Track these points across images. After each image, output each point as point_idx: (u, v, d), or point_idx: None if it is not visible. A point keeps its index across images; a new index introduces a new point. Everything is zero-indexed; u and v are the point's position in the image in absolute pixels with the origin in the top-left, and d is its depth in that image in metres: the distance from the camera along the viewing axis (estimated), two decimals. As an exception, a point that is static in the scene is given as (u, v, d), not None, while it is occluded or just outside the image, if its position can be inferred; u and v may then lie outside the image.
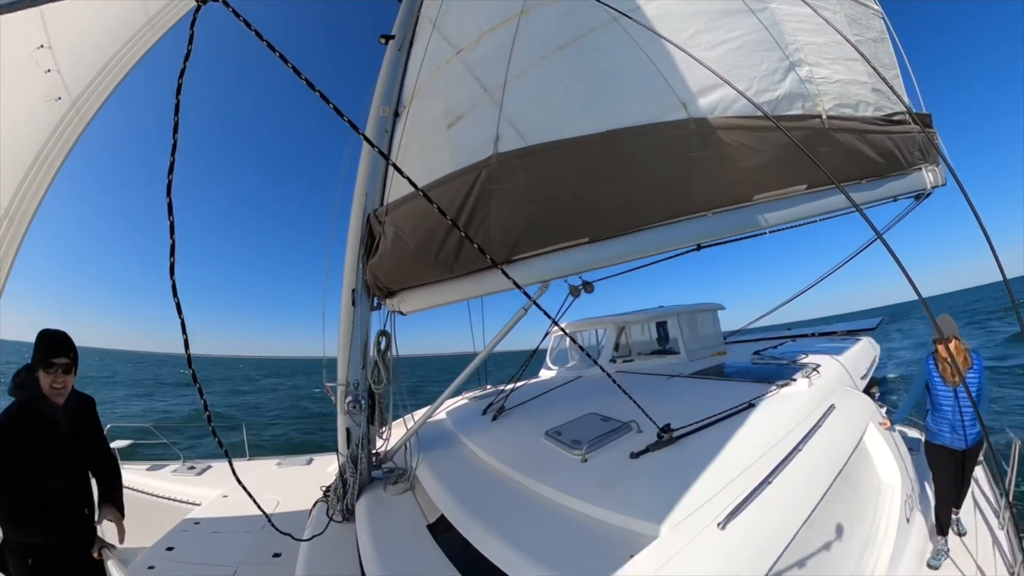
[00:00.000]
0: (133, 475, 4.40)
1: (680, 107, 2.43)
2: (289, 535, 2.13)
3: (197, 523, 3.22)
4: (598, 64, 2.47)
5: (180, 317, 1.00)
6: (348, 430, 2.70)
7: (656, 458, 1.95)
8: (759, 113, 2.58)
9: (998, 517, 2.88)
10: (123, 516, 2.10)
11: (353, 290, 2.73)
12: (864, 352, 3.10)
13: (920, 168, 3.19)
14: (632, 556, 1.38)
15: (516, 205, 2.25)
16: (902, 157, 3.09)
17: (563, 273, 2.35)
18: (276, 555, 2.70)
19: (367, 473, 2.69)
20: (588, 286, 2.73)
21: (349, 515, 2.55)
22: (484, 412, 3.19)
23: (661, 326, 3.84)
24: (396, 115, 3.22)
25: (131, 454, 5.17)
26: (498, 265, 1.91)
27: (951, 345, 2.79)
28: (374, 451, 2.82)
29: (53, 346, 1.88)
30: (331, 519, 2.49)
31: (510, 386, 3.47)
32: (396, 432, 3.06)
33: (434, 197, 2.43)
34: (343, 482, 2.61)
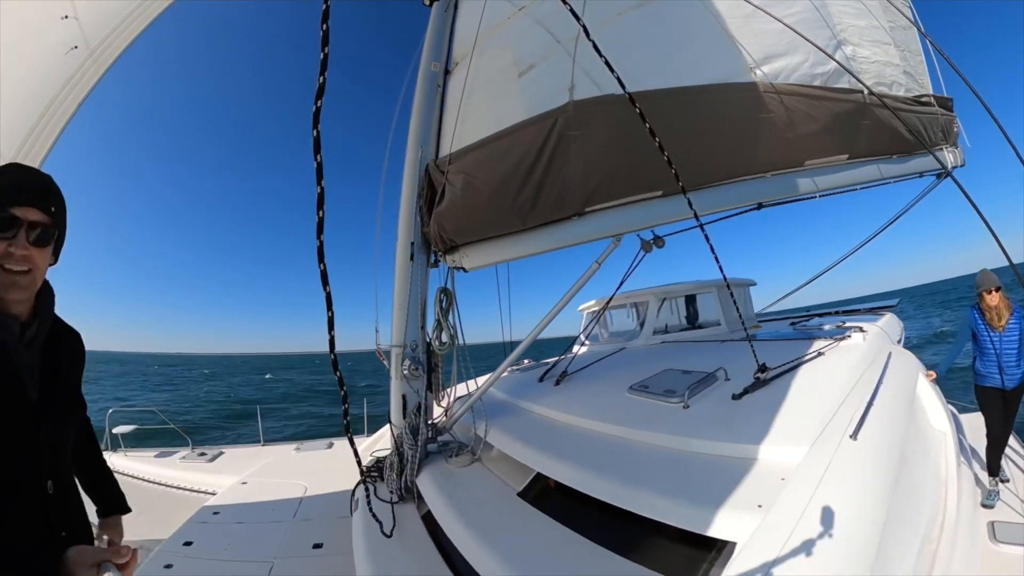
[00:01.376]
0: (140, 463, 4.16)
1: (750, 71, 2.56)
2: (380, 523, 2.00)
3: (216, 513, 2.96)
4: (674, 23, 2.56)
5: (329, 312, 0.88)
6: (404, 397, 2.55)
7: (757, 398, 2.00)
8: (816, 83, 2.75)
9: None
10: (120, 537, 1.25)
11: (412, 243, 2.69)
12: (893, 322, 3.35)
13: (942, 148, 3.46)
14: (783, 479, 1.40)
15: (596, 153, 2.30)
16: (928, 136, 3.34)
17: (637, 226, 2.42)
18: (317, 546, 2.49)
19: (424, 446, 2.54)
20: (659, 240, 2.79)
21: (407, 494, 2.40)
22: (541, 380, 3.17)
23: (701, 298, 3.98)
24: (447, 72, 3.21)
25: (133, 441, 4.85)
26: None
27: (995, 296, 3.22)
28: (431, 421, 2.69)
29: (17, 185, 0.93)
30: (391, 500, 2.31)
31: (569, 354, 3.49)
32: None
33: (508, 144, 2.47)
34: (399, 456, 2.46)
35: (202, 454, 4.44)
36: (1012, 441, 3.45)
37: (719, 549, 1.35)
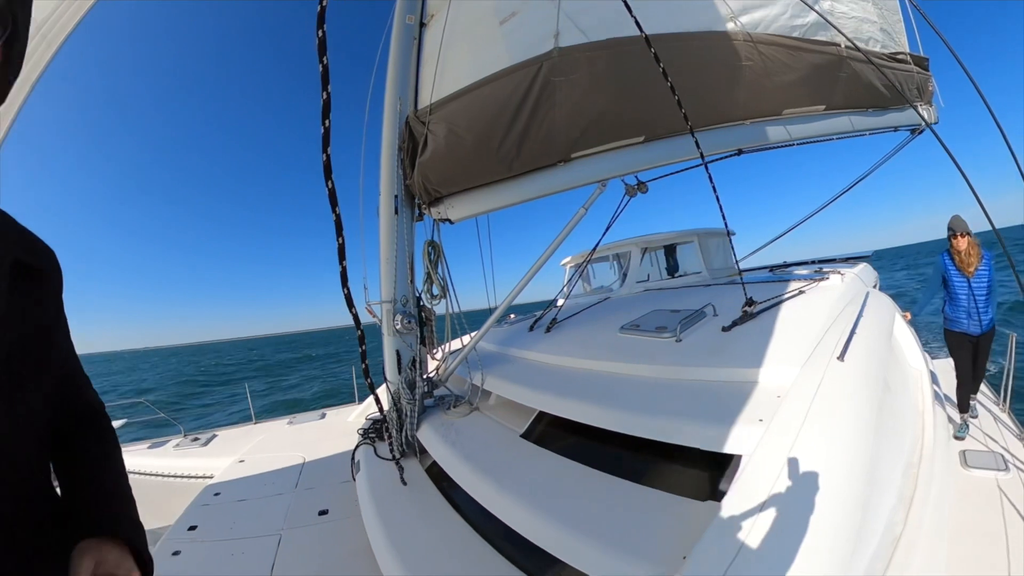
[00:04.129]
0: (133, 457, 4.12)
1: (730, 20, 2.66)
2: (400, 470, 2.05)
3: (217, 494, 2.98)
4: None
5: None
6: (398, 352, 2.61)
7: (746, 329, 2.11)
8: (794, 34, 2.88)
9: (998, 405, 3.68)
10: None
11: (395, 196, 2.73)
12: (868, 271, 3.57)
13: (916, 105, 3.66)
14: (779, 396, 1.50)
15: (581, 99, 2.39)
16: (903, 92, 3.53)
17: (622, 171, 2.53)
18: (323, 512, 2.53)
19: (421, 401, 2.60)
20: (643, 186, 2.91)
21: (408, 449, 2.46)
22: (531, 329, 3.29)
23: (682, 248, 4.15)
24: (422, 24, 3.23)
25: (123, 435, 4.79)
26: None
27: (964, 240, 3.39)
28: (426, 375, 2.75)
29: None
30: (394, 457, 2.34)
31: (555, 307, 3.61)
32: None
33: (491, 91, 2.53)
34: (398, 412, 2.52)
35: (195, 439, 4.45)
36: (982, 386, 3.78)
37: (725, 464, 1.41)
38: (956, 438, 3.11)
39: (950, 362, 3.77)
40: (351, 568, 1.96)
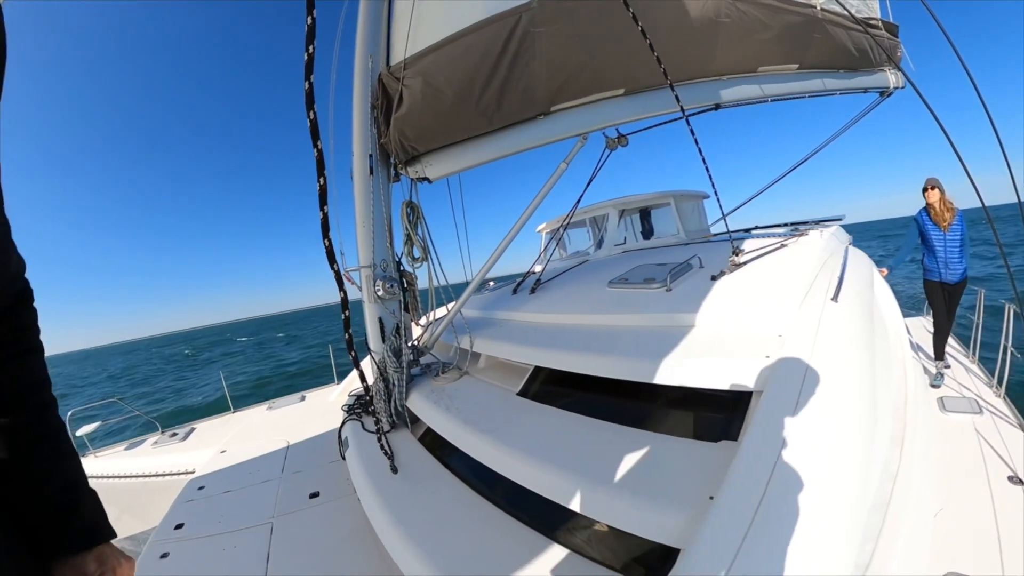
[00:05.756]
0: (111, 460, 3.95)
1: (707, -27, 2.69)
2: (390, 458, 1.99)
3: (202, 488, 2.89)
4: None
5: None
6: (381, 320, 2.57)
7: (736, 277, 2.15)
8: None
9: (968, 357, 4.03)
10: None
11: (370, 156, 2.68)
12: (842, 231, 3.73)
13: (885, 70, 3.81)
14: (781, 335, 1.52)
15: (561, 50, 2.38)
16: (873, 56, 3.67)
17: (602, 124, 2.54)
18: (313, 495, 2.48)
19: (408, 369, 2.56)
20: (623, 139, 2.93)
21: (398, 419, 2.43)
22: (515, 292, 3.29)
23: (656, 209, 4.22)
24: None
25: (98, 442, 4.60)
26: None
27: (935, 192, 3.80)
28: (411, 343, 2.70)
29: None
30: (380, 430, 2.30)
31: (538, 269, 3.65)
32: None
33: (469, 43, 2.50)
34: (385, 382, 2.48)
35: (174, 435, 4.33)
36: (951, 339, 4.09)
37: (732, 404, 1.42)
38: (932, 386, 3.41)
39: (920, 320, 4.07)
40: (352, 549, 1.90)
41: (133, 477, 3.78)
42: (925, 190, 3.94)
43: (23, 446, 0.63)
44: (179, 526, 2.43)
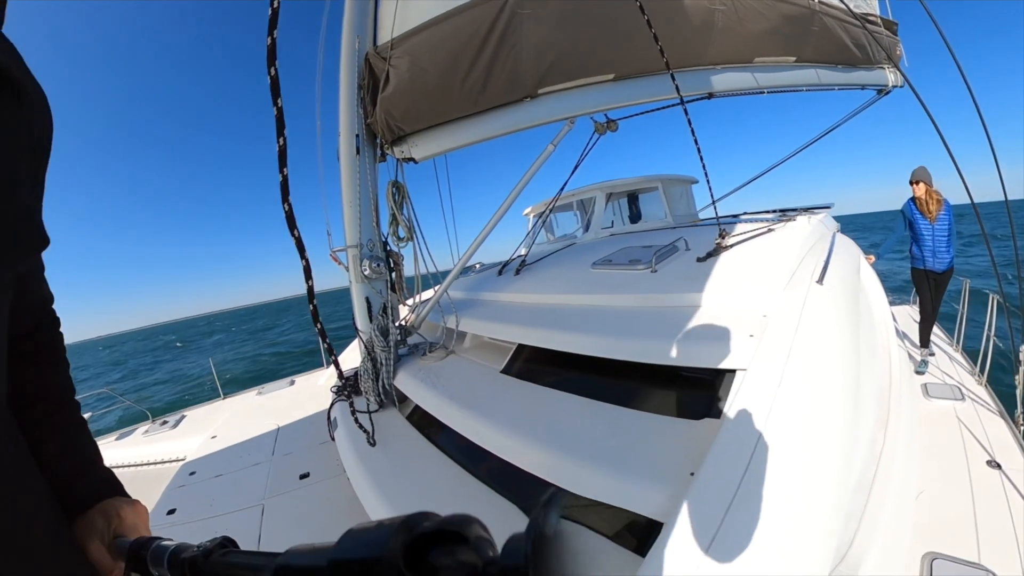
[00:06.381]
0: (101, 451, 3.96)
1: (703, -40, 2.67)
2: (367, 433, 2.01)
3: (193, 473, 2.93)
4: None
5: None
6: (368, 300, 2.58)
7: (722, 259, 2.14)
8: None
9: (951, 346, 4.09)
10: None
11: (356, 136, 2.66)
12: (830, 219, 3.71)
13: (883, 67, 3.79)
14: (765, 315, 1.53)
15: (548, 32, 2.36)
16: (872, 53, 3.64)
17: (590, 109, 2.52)
18: (304, 476, 2.51)
19: (396, 349, 2.56)
20: (612, 124, 2.90)
21: (386, 398, 2.45)
22: (500, 273, 3.28)
23: (645, 194, 4.19)
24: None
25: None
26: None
27: (920, 187, 3.88)
28: (398, 323, 2.71)
29: None
30: (369, 410, 2.31)
31: (523, 251, 3.66)
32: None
33: (456, 24, 2.48)
34: (373, 362, 2.49)
35: (164, 423, 4.35)
36: (936, 328, 4.12)
37: (715, 383, 1.42)
38: (917, 373, 3.48)
39: (906, 308, 4.11)
40: (343, 525, 1.88)
41: (125, 466, 3.79)
42: (912, 183, 4.05)
43: (66, 433, 0.75)
44: (171, 511, 2.46)
